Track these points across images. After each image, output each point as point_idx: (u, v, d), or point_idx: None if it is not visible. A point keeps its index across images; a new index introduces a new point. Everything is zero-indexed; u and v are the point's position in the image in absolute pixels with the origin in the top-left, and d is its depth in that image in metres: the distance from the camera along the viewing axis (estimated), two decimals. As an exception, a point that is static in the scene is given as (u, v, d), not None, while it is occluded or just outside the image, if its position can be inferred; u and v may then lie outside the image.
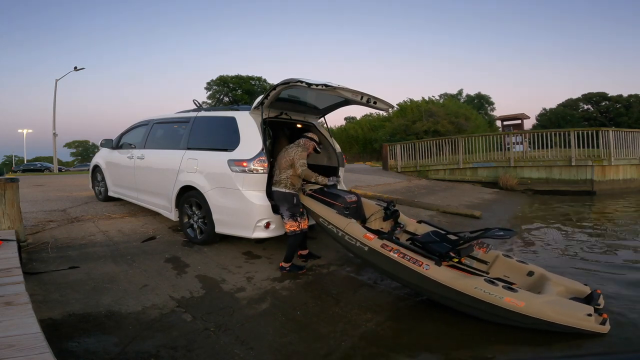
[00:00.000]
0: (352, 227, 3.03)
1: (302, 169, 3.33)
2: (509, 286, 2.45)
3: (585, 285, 2.76)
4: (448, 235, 3.00)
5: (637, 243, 4.63)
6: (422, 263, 2.59)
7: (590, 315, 2.29)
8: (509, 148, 11.10)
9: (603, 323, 2.30)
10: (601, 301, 2.57)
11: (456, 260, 2.63)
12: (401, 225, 3.47)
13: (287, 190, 3.29)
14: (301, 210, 3.36)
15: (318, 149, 3.61)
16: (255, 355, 2.08)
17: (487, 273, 2.90)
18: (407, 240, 3.08)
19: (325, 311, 2.65)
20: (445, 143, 12.23)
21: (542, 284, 2.67)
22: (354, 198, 3.57)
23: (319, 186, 3.67)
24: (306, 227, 3.37)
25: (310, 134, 3.55)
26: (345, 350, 2.19)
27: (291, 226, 3.26)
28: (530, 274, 2.86)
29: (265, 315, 2.55)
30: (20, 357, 1.28)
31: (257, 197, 3.41)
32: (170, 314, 2.47)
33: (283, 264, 3.32)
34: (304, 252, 3.60)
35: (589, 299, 2.53)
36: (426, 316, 2.63)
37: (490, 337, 2.34)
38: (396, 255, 2.69)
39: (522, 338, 2.30)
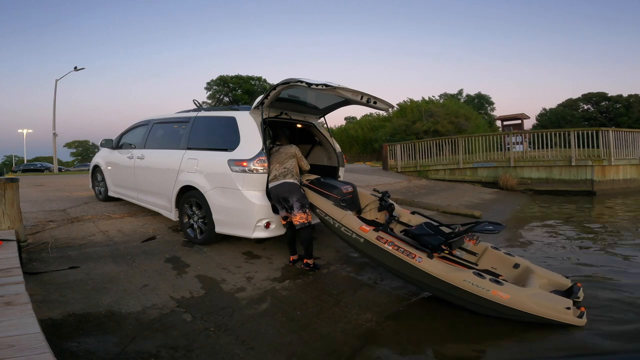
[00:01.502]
0: (348, 219, 3.10)
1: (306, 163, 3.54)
2: (496, 279, 2.54)
3: (567, 278, 2.86)
4: (440, 227, 3.08)
5: (637, 242, 4.63)
6: (415, 255, 2.67)
7: (568, 308, 2.38)
8: (509, 148, 11.10)
9: (580, 316, 2.38)
10: (581, 294, 2.66)
11: (447, 252, 2.72)
12: (395, 218, 3.54)
13: (296, 181, 3.34)
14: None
15: None
16: (255, 355, 2.08)
17: (476, 264, 3.01)
18: (401, 231, 3.16)
19: (325, 311, 2.65)
20: (445, 143, 12.23)
21: (527, 277, 2.78)
22: (350, 189, 3.63)
23: (315, 177, 3.71)
24: (311, 218, 3.35)
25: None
26: (345, 350, 2.19)
27: (300, 218, 3.24)
28: (516, 266, 2.96)
29: (265, 315, 2.55)
30: (20, 357, 1.28)
31: (257, 197, 3.41)
32: (170, 314, 2.47)
33: (307, 261, 3.33)
34: (295, 257, 3.47)
35: (569, 292, 2.62)
36: (426, 316, 2.63)
37: (491, 336, 2.34)
38: (390, 248, 2.77)
39: (521, 337, 2.31)
